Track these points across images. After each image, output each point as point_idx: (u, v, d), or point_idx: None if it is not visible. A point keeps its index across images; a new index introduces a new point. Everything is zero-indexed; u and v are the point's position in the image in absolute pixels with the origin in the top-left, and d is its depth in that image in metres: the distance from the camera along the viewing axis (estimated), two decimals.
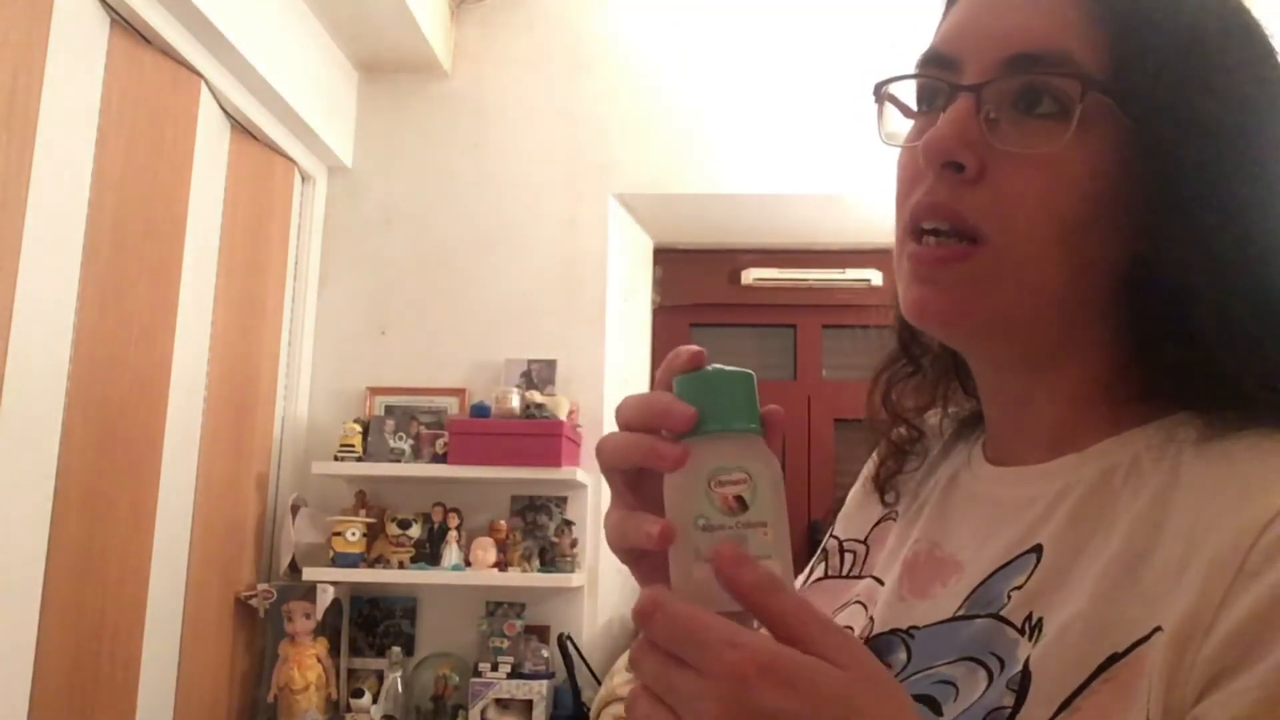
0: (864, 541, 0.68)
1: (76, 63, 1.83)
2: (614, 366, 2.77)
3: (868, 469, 0.72)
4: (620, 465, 0.49)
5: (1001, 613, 0.51)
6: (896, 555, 0.63)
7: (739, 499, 0.46)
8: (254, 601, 2.40)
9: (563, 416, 2.54)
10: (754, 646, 0.39)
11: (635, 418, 0.48)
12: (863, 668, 0.40)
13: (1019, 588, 0.52)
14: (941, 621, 0.54)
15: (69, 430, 1.80)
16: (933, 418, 0.70)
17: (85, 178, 1.87)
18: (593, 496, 2.66)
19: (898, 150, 0.59)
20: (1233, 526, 0.44)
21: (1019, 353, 0.57)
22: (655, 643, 0.42)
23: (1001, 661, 0.50)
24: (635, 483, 0.50)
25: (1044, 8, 0.54)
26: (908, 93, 0.59)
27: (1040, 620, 0.49)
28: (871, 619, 0.59)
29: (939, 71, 0.56)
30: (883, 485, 0.68)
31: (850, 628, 0.61)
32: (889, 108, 0.60)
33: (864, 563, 0.67)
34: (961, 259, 0.53)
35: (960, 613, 0.54)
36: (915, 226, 0.55)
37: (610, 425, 0.51)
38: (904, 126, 0.59)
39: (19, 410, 1.67)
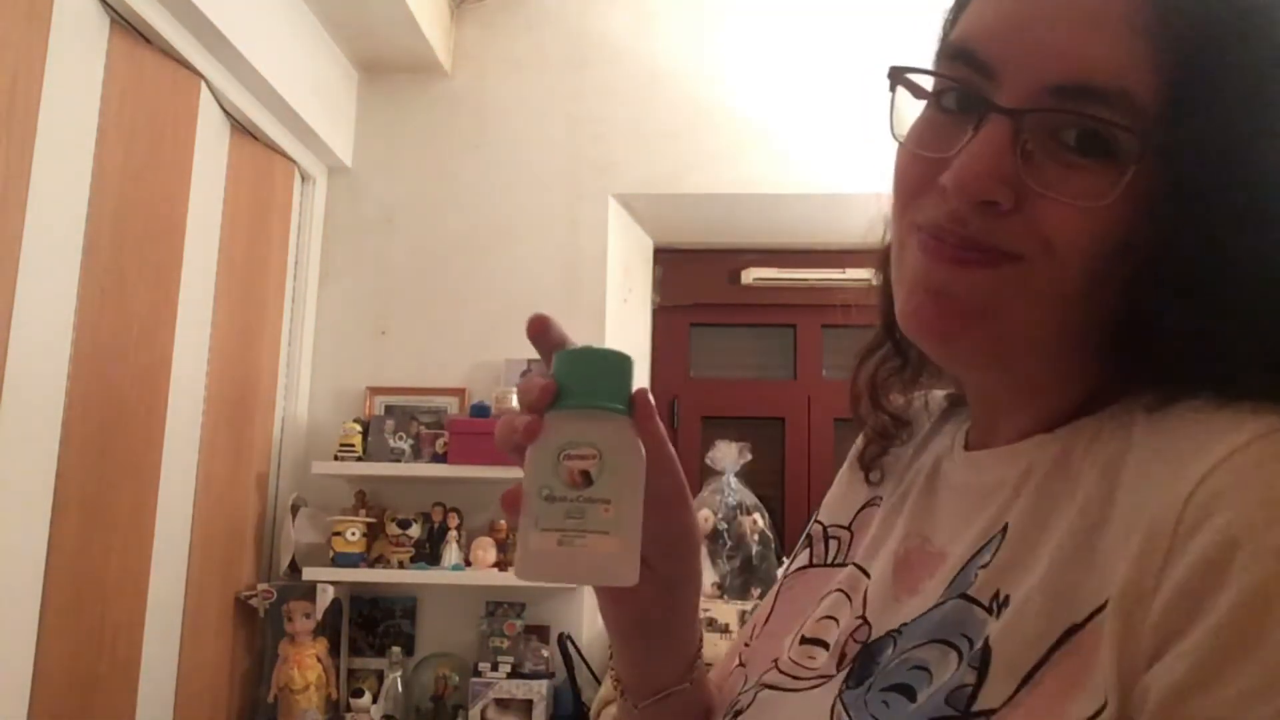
0: (848, 528, 0.68)
1: (77, 63, 1.83)
2: None
3: (855, 449, 0.71)
4: (502, 445, 0.53)
5: (969, 592, 0.51)
6: (881, 544, 0.62)
7: (584, 474, 0.48)
8: (254, 601, 2.40)
9: None
10: None
11: (520, 396, 0.52)
12: None
13: (985, 566, 0.51)
14: (924, 613, 0.54)
15: (69, 430, 1.80)
16: (919, 400, 0.70)
17: (85, 178, 1.87)
18: None
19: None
20: (1169, 490, 0.44)
21: (1004, 380, 0.57)
22: None
23: (970, 641, 0.49)
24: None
25: (1108, 31, 0.48)
26: (925, 78, 0.55)
27: (1007, 598, 0.49)
28: (864, 619, 0.59)
29: (971, 75, 0.51)
30: (868, 466, 0.68)
31: (834, 618, 0.61)
32: (902, 98, 0.55)
33: (847, 550, 0.66)
34: (986, 265, 0.50)
35: (939, 600, 0.54)
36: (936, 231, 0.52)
37: None
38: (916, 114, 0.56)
39: (19, 410, 1.67)
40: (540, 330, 0.55)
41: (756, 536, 2.65)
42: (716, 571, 2.61)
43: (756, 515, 2.68)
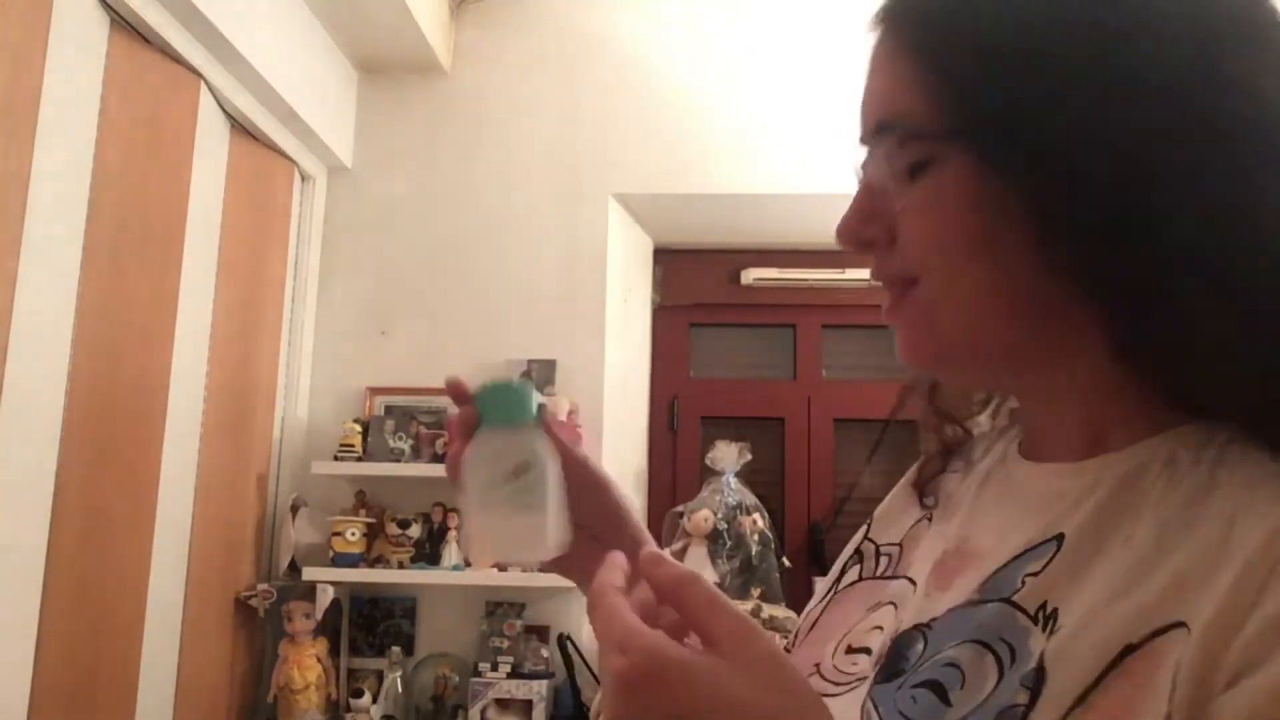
0: (899, 544, 0.68)
1: (76, 63, 1.83)
2: (613, 366, 2.77)
3: (910, 474, 0.72)
4: (449, 467, 0.67)
5: (1014, 598, 0.51)
6: (930, 556, 0.63)
7: (511, 472, 0.63)
8: (254, 601, 2.40)
9: (562, 416, 2.54)
10: (638, 649, 0.43)
11: (450, 429, 0.60)
12: (743, 655, 0.44)
13: (1035, 574, 0.51)
14: (956, 608, 0.54)
15: (69, 430, 1.80)
16: (984, 420, 0.70)
17: (85, 178, 1.87)
18: None
19: None
20: (1268, 527, 0.44)
21: (998, 373, 0.59)
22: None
23: (1012, 649, 0.49)
24: None
25: (884, 68, 0.56)
26: None
27: (1055, 611, 0.49)
28: (900, 620, 0.59)
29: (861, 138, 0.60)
30: (924, 487, 0.69)
31: (880, 627, 0.61)
32: None
33: (898, 563, 0.67)
34: (902, 296, 0.57)
35: (975, 597, 0.54)
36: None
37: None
38: None
39: (19, 410, 1.67)
40: (456, 393, 0.67)
41: (756, 536, 2.65)
42: (716, 571, 2.61)
43: (756, 515, 2.68)
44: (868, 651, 0.60)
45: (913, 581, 0.62)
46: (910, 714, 0.52)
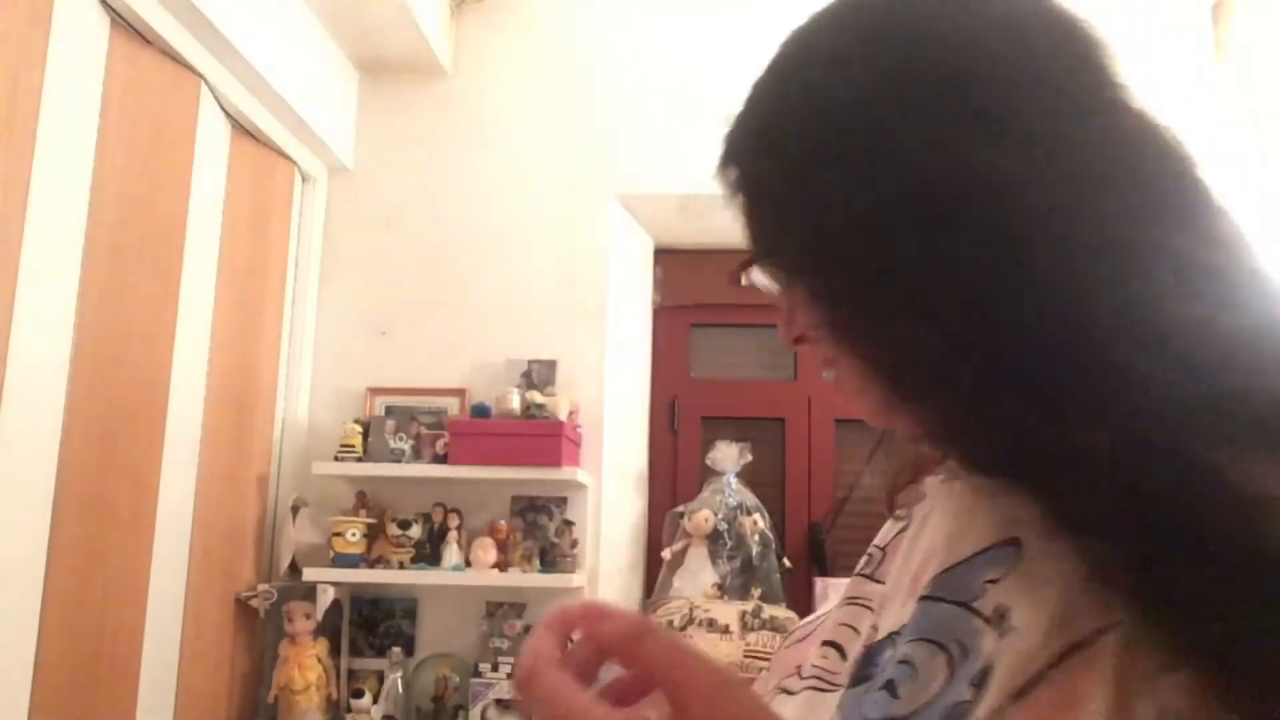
0: (883, 548, 0.69)
1: (77, 63, 1.83)
2: (614, 367, 2.77)
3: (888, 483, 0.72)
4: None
5: (974, 604, 0.50)
6: (907, 565, 0.62)
7: None
8: (254, 602, 2.40)
9: (563, 417, 2.54)
10: None
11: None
12: (721, 714, 0.42)
13: (994, 580, 0.51)
14: (918, 602, 0.54)
15: (69, 430, 1.80)
16: None
17: (86, 178, 1.87)
18: (593, 497, 2.66)
19: None
20: None
21: None
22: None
23: (964, 648, 0.49)
24: None
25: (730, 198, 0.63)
26: None
27: (1008, 610, 0.49)
28: (874, 626, 0.60)
29: None
30: (892, 497, 0.69)
31: (853, 627, 0.62)
32: None
33: (879, 566, 0.67)
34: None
35: (927, 593, 0.53)
36: None
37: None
38: None
39: (19, 411, 1.67)
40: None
41: (757, 537, 2.65)
42: (717, 572, 2.61)
43: (757, 516, 2.68)
44: (838, 648, 0.61)
45: (884, 586, 0.63)
46: (870, 714, 0.51)
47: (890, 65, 0.50)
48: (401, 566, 2.53)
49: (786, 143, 0.55)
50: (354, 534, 2.50)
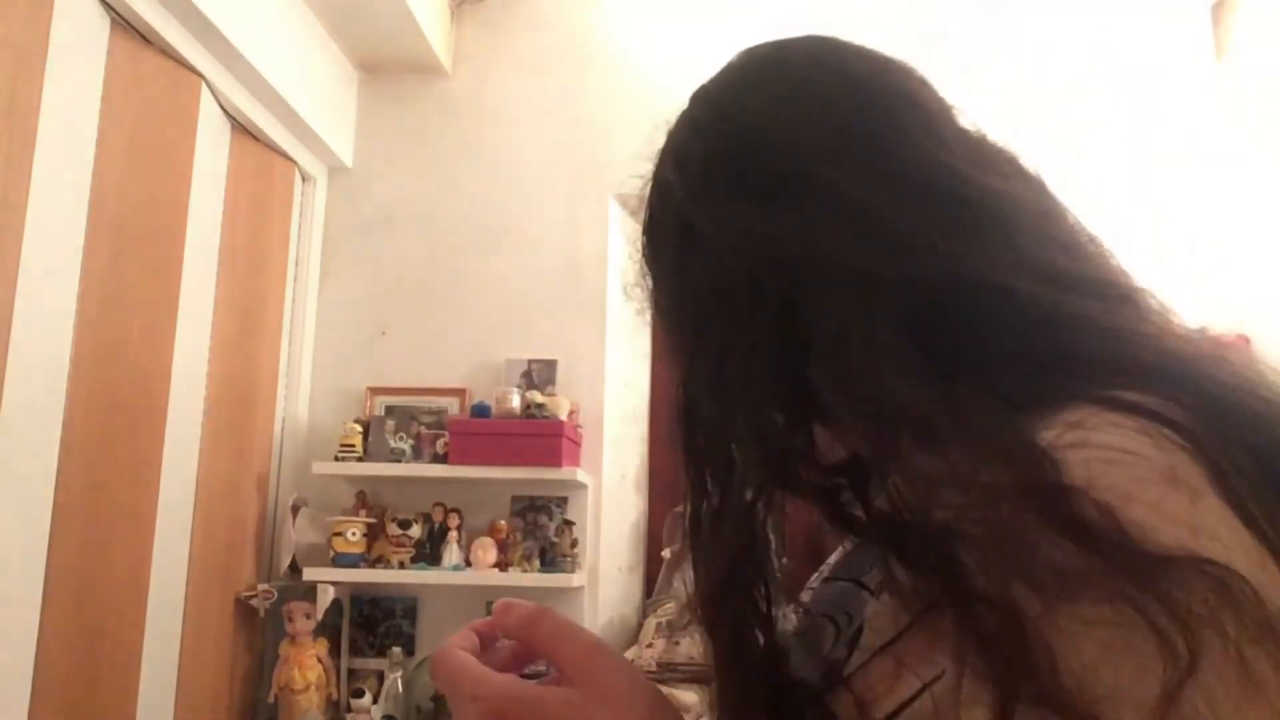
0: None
1: (77, 63, 1.83)
2: (614, 366, 2.77)
3: None
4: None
5: (864, 579, 0.55)
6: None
7: None
8: (254, 601, 2.40)
9: (563, 416, 2.54)
10: (489, 694, 0.46)
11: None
12: (593, 679, 0.47)
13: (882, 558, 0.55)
14: (819, 583, 0.60)
15: (69, 430, 1.80)
16: None
17: (86, 178, 1.87)
18: (593, 497, 2.66)
19: None
20: None
21: None
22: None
23: (849, 616, 0.53)
24: None
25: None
26: None
27: (889, 581, 0.52)
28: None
29: None
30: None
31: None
32: None
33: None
34: None
35: (831, 574, 0.59)
36: None
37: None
38: None
39: (20, 410, 1.67)
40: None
41: None
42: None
43: None
44: None
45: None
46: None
47: (703, 153, 0.59)
48: (402, 566, 2.53)
49: (652, 237, 0.66)
50: (354, 534, 2.50)
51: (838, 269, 0.50)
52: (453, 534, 2.55)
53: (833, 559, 0.72)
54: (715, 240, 0.55)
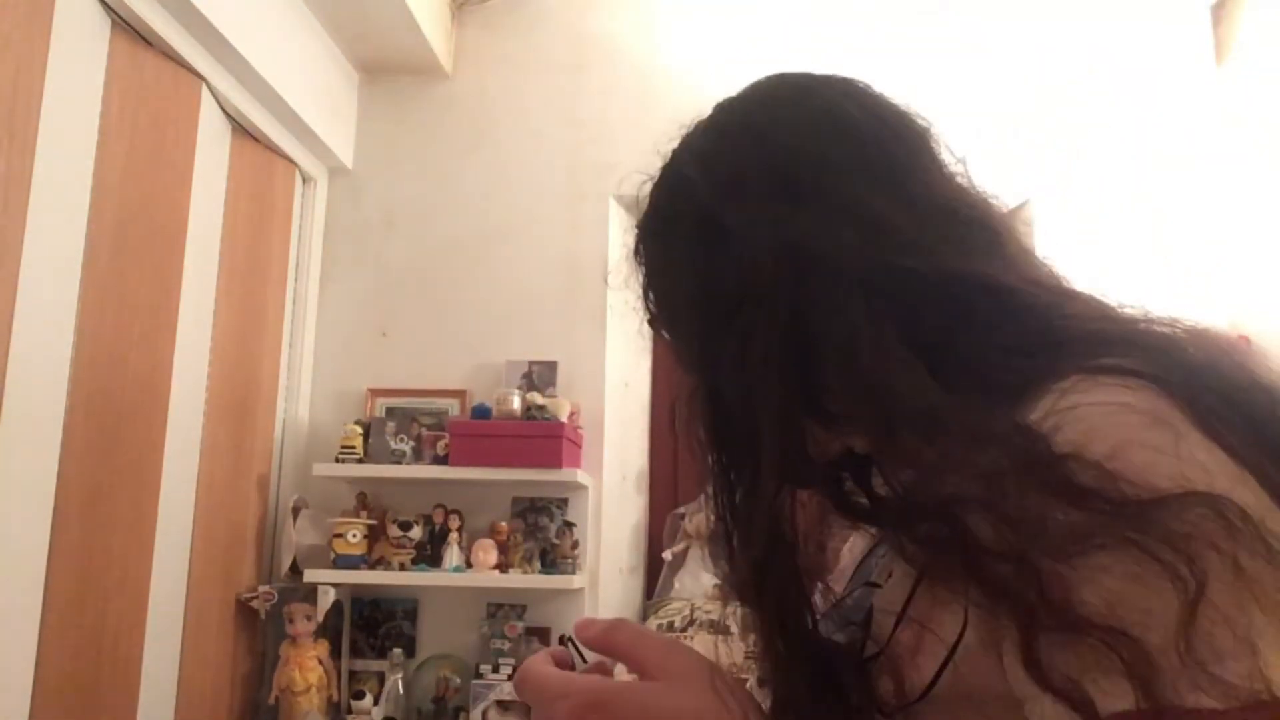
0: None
1: (77, 64, 1.84)
2: (615, 368, 2.77)
3: None
4: None
5: (872, 579, 0.62)
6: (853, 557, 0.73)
7: None
8: (255, 603, 2.40)
9: (564, 418, 2.54)
10: (578, 690, 0.51)
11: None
12: (671, 674, 0.51)
13: (885, 555, 0.62)
14: (843, 598, 0.65)
15: (70, 432, 1.80)
16: None
17: (86, 180, 1.87)
18: (594, 498, 2.65)
19: None
20: None
21: None
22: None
23: (865, 611, 0.60)
24: None
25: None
26: None
27: (891, 572, 0.59)
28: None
29: None
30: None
31: None
32: None
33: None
34: None
35: (852, 585, 0.65)
36: None
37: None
38: None
39: (20, 411, 1.67)
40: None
41: None
42: (719, 572, 2.60)
43: None
44: None
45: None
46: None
47: (734, 158, 0.62)
48: (402, 568, 2.53)
49: (664, 231, 0.68)
50: (355, 535, 2.50)
51: (852, 265, 0.55)
52: (453, 535, 2.55)
53: (845, 569, 0.75)
54: (744, 237, 0.58)
